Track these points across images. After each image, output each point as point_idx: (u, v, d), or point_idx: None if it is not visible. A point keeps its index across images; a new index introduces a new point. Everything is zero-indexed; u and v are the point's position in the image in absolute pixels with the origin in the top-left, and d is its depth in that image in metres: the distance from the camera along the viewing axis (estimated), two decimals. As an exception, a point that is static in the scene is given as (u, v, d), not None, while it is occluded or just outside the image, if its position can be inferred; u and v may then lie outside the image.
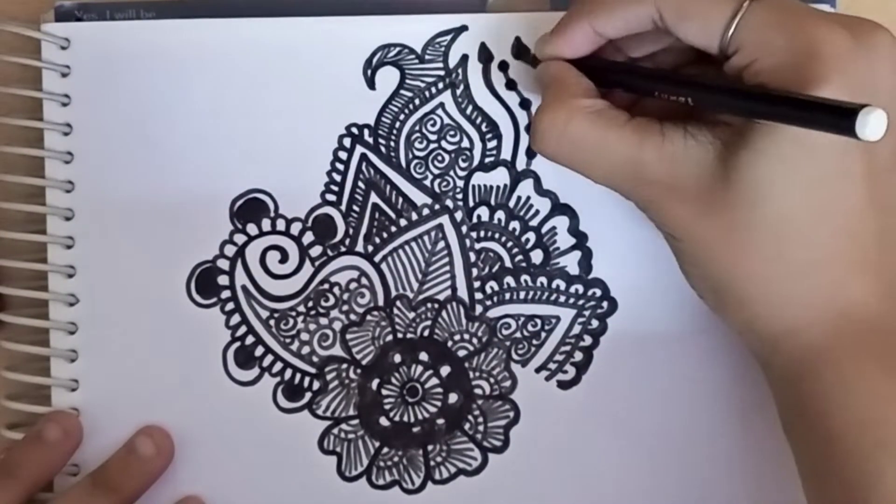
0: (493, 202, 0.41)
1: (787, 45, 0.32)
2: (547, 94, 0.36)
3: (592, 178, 0.36)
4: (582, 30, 0.36)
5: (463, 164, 0.41)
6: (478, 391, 0.41)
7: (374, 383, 0.41)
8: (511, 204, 0.41)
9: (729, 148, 0.33)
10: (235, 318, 0.41)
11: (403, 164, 0.41)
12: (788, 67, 0.31)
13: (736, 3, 0.33)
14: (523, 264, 0.41)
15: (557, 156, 0.35)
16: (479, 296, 0.41)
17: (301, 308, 0.41)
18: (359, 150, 0.41)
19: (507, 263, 0.41)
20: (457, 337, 0.41)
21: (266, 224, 0.41)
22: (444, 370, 0.41)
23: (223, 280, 0.41)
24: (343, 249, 0.41)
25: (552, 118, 0.35)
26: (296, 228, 0.41)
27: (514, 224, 0.41)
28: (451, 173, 0.41)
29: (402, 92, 0.41)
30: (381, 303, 0.41)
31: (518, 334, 0.41)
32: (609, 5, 0.35)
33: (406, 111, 0.41)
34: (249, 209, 0.41)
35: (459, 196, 0.41)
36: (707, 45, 0.33)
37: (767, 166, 0.32)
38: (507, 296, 0.41)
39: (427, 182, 0.41)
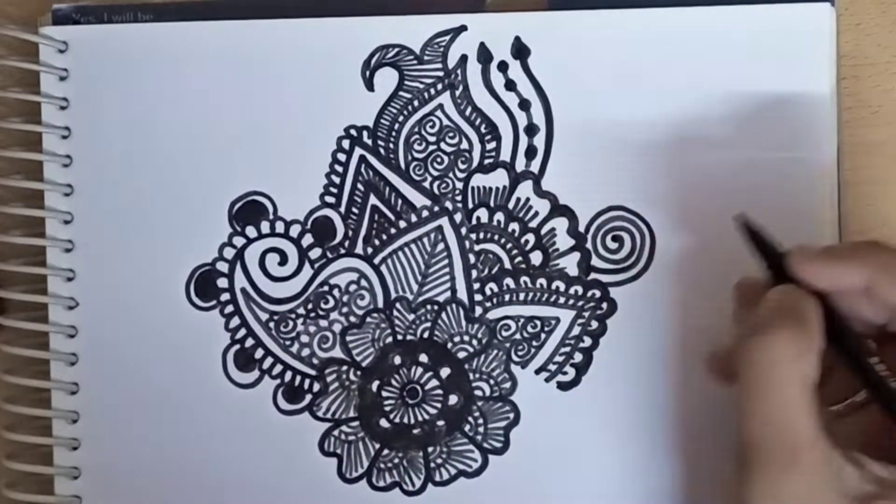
0: (492, 204, 0.41)
1: None
2: (790, 321, 0.33)
3: (750, 413, 0.33)
4: (858, 275, 0.33)
5: (462, 166, 0.41)
6: (478, 392, 0.41)
7: (375, 385, 0.41)
8: (510, 205, 0.41)
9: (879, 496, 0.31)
10: (235, 321, 0.41)
11: (402, 165, 0.41)
12: None
13: None
14: (523, 266, 0.41)
15: (754, 368, 0.33)
16: (478, 297, 0.41)
17: (301, 310, 0.41)
18: (358, 151, 0.41)
19: (507, 265, 0.41)
20: (457, 338, 0.41)
21: (265, 226, 0.41)
22: (444, 372, 0.41)
23: (222, 283, 0.41)
24: (342, 251, 0.41)
25: (793, 341, 0.32)
26: (295, 230, 0.41)
27: (514, 225, 0.41)
28: (451, 175, 0.41)
29: (401, 93, 0.41)
30: (380, 305, 0.41)
31: (518, 336, 0.41)
32: (825, 264, 0.33)
33: (405, 112, 0.41)
34: (248, 211, 0.41)
35: (459, 198, 0.41)
36: None
37: None
38: (507, 297, 0.41)
39: (426, 184, 0.41)
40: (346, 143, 0.41)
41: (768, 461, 0.32)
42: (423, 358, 0.41)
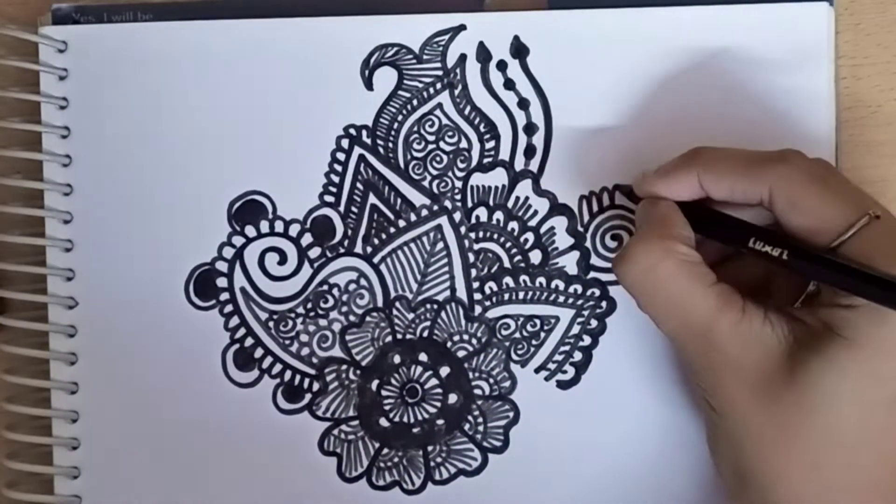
0: (491, 203, 0.41)
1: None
2: (647, 227, 0.36)
3: (660, 323, 0.35)
4: (688, 180, 0.36)
5: (461, 165, 0.41)
6: (477, 391, 0.41)
7: (374, 384, 0.41)
8: (509, 204, 0.41)
9: (802, 347, 0.33)
10: (234, 321, 0.41)
11: (402, 164, 0.41)
12: None
13: (855, 214, 0.32)
14: (522, 264, 0.41)
15: (635, 288, 0.35)
16: (478, 296, 0.41)
17: (300, 309, 0.41)
18: (357, 151, 0.41)
19: (506, 264, 0.41)
20: (456, 337, 0.41)
21: (264, 226, 0.41)
22: (444, 371, 0.41)
23: (222, 282, 0.41)
24: (342, 251, 0.41)
25: (646, 251, 0.34)
26: (294, 230, 0.41)
27: (513, 224, 0.41)
28: (450, 174, 0.41)
29: (400, 92, 0.41)
30: (380, 304, 0.41)
31: (517, 334, 0.41)
32: (721, 170, 0.35)
33: (404, 112, 0.41)
34: (248, 211, 0.41)
35: (458, 197, 0.41)
36: (812, 241, 0.33)
37: (834, 379, 0.32)
38: (507, 296, 0.41)
39: (425, 183, 0.41)
40: (345, 143, 0.41)
41: (691, 348, 0.35)
42: (423, 357, 0.41)
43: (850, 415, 0.32)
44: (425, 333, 0.41)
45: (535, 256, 0.41)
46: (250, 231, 0.41)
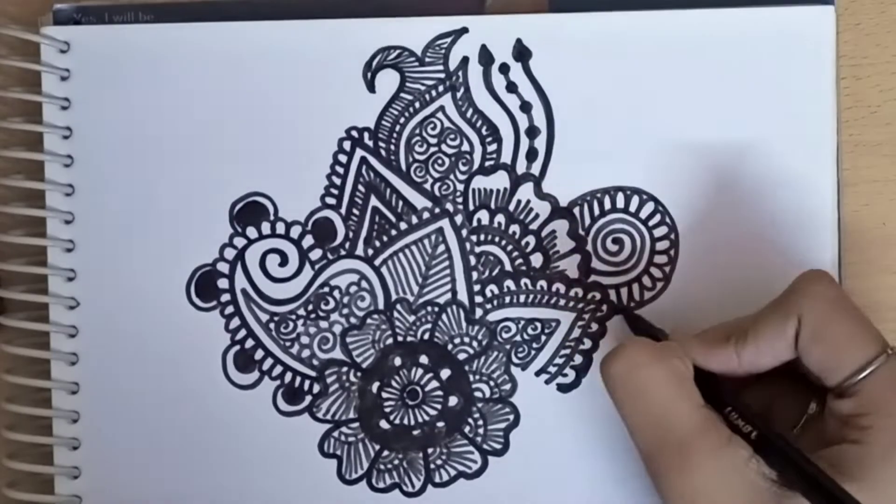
0: (493, 206, 0.41)
1: None
2: (652, 342, 0.35)
3: (634, 432, 0.34)
4: (727, 357, 0.34)
5: (463, 168, 0.41)
6: (478, 394, 0.41)
7: (375, 386, 0.41)
8: (511, 207, 0.41)
9: (790, 488, 0.31)
10: (235, 322, 0.41)
11: (403, 167, 0.41)
12: None
13: (876, 350, 0.32)
14: (523, 268, 0.41)
15: (616, 385, 0.34)
16: (479, 299, 0.41)
17: (301, 311, 0.41)
18: (359, 153, 0.41)
19: (507, 267, 0.41)
20: (457, 340, 0.41)
21: (266, 227, 0.41)
22: (445, 373, 0.41)
23: (223, 283, 0.41)
24: (343, 253, 0.41)
25: (637, 351, 0.34)
26: (296, 232, 0.41)
27: (514, 227, 0.41)
28: (452, 177, 0.41)
29: (403, 95, 0.41)
30: (381, 306, 0.41)
31: (518, 337, 0.41)
32: (758, 340, 0.34)
33: (406, 114, 0.41)
34: (249, 212, 0.41)
35: (459, 199, 0.41)
36: (827, 376, 0.33)
37: None
38: (507, 299, 0.41)
39: (427, 185, 0.41)
40: (347, 145, 0.41)
41: (663, 463, 0.32)
42: (424, 359, 0.41)
43: None
44: (426, 336, 0.41)
45: (536, 260, 0.41)
46: (252, 232, 0.41)
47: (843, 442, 0.32)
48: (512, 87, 0.40)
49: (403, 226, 0.41)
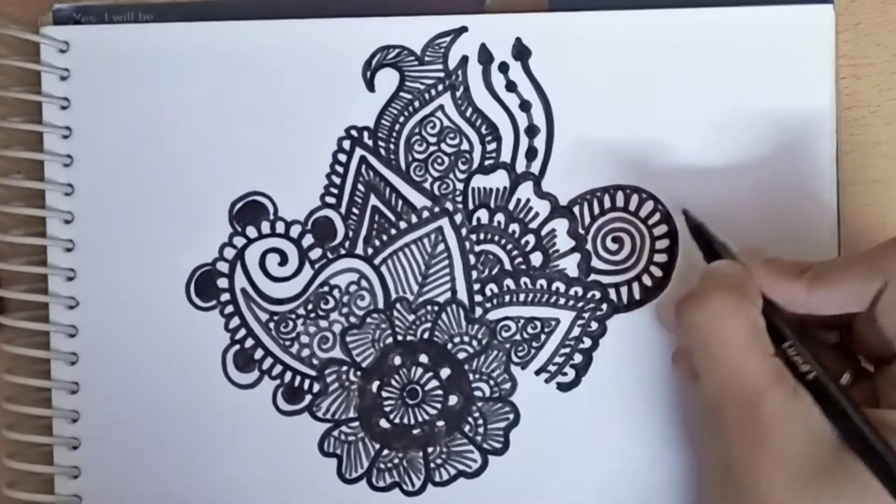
0: (492, 205, 0.41)
1: None
2: (724, 280, 0.34)
3: (707, 378, 0.34)
4: (795, 290, 0.34)
5: (462, 167, 0.41)
6: (478, 393, 0.41)
7: (375, 385, 0.41)
8: (510, 206, 0.41)
9: (841, 454, 0.31)
10: (235, 321, 0.41)
11: (403, 166, 0.41)
12: None
13: (885, 274, 0.32)
14: (523, 266, 0.41)
15: (697, 332, 0.34)
16: (478, 298, 0.41)
17: (301, 311, 0.41)
18: (358, 152, 0.41)
19: (507, 266, 0.41)
20: (457, 339, 0.41)
21: (265, 227, 0.41)
22: (444, 372, 0.41)
23: (222, 283, 0.41)
24: (343, 252, 0.41)
25: (722, 299, 0.33)
26: (295, 231, 0.41)
27: (514, 226, 0.41)
28: (451, 176, 0.41)
29: (402, 94, 0.41)
30: (381, 305, 0.41)
31: (518, 336, 0.41)
32: (833, 277, 0.34)
33: (406, 113, 0.41)
34: (249, 212, 0.41)
35: (459, 199, 0.41)
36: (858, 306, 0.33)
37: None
38: (507, 298, 0.41)
39: (427, 185, 0.41)
40: (346, 144, 0.41)
41: (732, 413, 0.33)
42: (423, 358, 0.41)
43: None
44: (426, 335, 0.41)
45: (536, 258, 0.41)
46: (251, 232, 0.41)
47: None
48: (511, 86, 0.40)
49: (403, 225, 0.41)
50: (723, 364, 0.33)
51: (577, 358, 0.41)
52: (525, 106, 0.40)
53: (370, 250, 0.41)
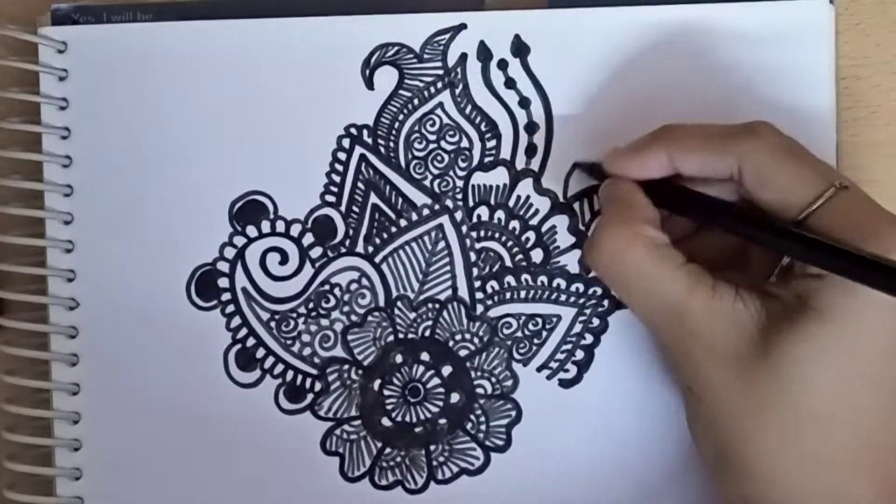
0: (492, 202, 0.41)
1: (856, 243, 0.31)
2: (611, 212, 0.36)
3: (633, 308, 0.36)
4: (658, 157, 0.36)
5: (462, 164, 0.41)
6: (479, 391, 0.41)
7: (376, 384, 0.41)
8: (511, 203, 0.41)
9: (774, 323, 0.33)
10: (236, 321, 0.41)
11: (403, 164, 0.41)
12: None
13: (821, 186, 0.33)
14: (524, 263, 0.41)
15: (605, 275, 0.36)
16: (479, 295, 0.41)
17: (302, 309, 0.41)
18: (358, 150, 0.41)
19: (508, 263, 0.41)
20: (458, 337, 0.41)
21: (266, 226, 0.41)
22: (446, 370, 0.41)
23: (223, 282, 0.41)
24: (343, 250, 0.41)
25: (613, 238, 0.35)
26: (296, 230, 0.41)
27: (514, 223, 0.41)
28: (451, 173, 0.41)
29: (401, 92, 0.41)
30: (381, 303, 0.41)
31: (519, 333, 0.41)
32: (691, 145, 0.35)
33: (405, 111, 0.41)
34: (249, 211, 0.41)
35: (459, 196, 0.41)
36: (780, 215, 0.33)
37: (808, 354, 0.32)
38: (508, 295, 0.41)
39: (427, 182, 0.41)
40: (346, 142, 0.41)
41: (666, 331, 0.35)
42: (425, 356, 0.41)
43: (824, 387, 0.32)
44: (427, 333, 0.41)
45: (537, 255, 0.41)
46: (251, 231, 0.41)
47: (806, 277, 0.33)
48: (510, 83, 0.40)
49: (403, 223, 0.41)
50: (640, 293, 0.35)
51: (579, 354, 0.41)
52: (524, 103, 0.40)
53: (371, 248, 0.41)
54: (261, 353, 0.41)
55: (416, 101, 0.41)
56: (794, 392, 0.32)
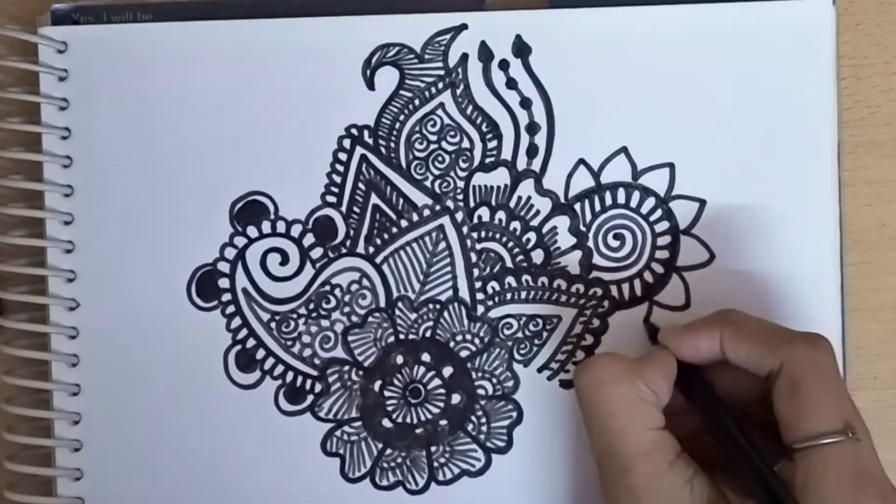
0: (493, 202, 0.41)
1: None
2: (629, 358, 0.36)
3: (590, 439, 0.36)
4: (711, 339, 0.36)
5: (463, 165, 0.41)
6: (480, 391, 0.41)
7: (377, 385, 0.41)
8: (512, 204, 0.41)
9: None
10: (236, 321, 0.41)
11: (404, 164, 0.41)
12: None
13: (837, 426, 0.32)
14: (524, 264, 0.41)
15: (581, 396, 0.36)
16: (480, 296, 0.41)
17: (302, 310, 0.41)
18: (359, 151, 0.41)
19: (508, 263, 0.41)
20: (459, 337, 0.41)
21: (266, 226, 0.41)
22: (447, 371, 0.41)
23: (224, 283, 0.41)
24: (344, 251, 0.41)
25: (606, 367, 0.35)
26: (296, 230, 0.41)
27: (515, 224, 0.41)
28: (452, 174, 0.41)
29: (402, 92, 0.41)
30: (382, 304, 0.41)
31: (520, 334, 0.41)
32: (745, 334, 0.35)
33: (406, 111, 0.41)
34: (249, 211, 0.41)
35: (460, 196, 0.41)
36: (786, 430, 0.33)
37: None
38: (509, 296, 0.41)
39: (427, 183, 0.41)
40: (346, 143, 0.41)
41: (608, 476, 0.35)
42: (426, 357, 0.41)
43: None
44: (428, 333, 0.41)
45: (538, 256, 0.41)
46: (252, 232, 0.41)
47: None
48: (512, 84, 0.40)
49: (404, 223, 0.41)
50: (601, 428, 0.35)
51: (580, 355, 0.41)
52: (525, 103, 0.40)
53: (371, 249, 0.41)
54: (261, 354, 0.41)
55: (416, 102, 0.41)
56: None
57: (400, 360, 0.41)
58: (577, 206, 0.40)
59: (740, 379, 0.36)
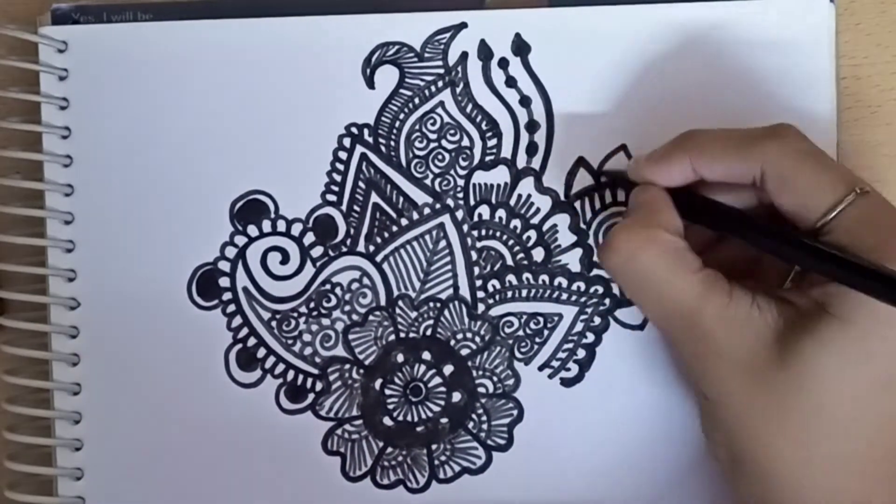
0: (493, 200, 0.41)
1: (874, 249, 0.31)
2: (632, 215, 0.36)
3: (646, 312, 0.36)
4: (681, 164, 0.35)
5: (463, 163, 0.41)
6: (481, 390, 0.41)
7: (377, 383, 0.41)
8: (512, 202, 0.41)
9: (791, 329, 0.33)
10: (237, 320, 0.41)
11: (404, 163, 0.41)
12: None
13: (843, 191, 0.32)
14: (525, 262, 0.41)
15: (618, 277, 0.35)
16: (481, 294, 0.41)
17: (303, 309, 0.41)
18: (359, 149, 0.41)
19: (509, 261, 0.41)
20: (459, 336, 0.41)
21: (266, 225, 0.41)
22: (447, 369, 0.41)
23: (224, 282, 0.41)
24: (344, 250, 0.41)
25: (627, 240, 0.34)
26: (296, 229, 0.41)
27: (516, 222, 0.41)
28: (452, 172, 0.41)
29: (402, 91, 0.41)
30: (383, 302, 0.41)
31: (521, 332, 0.41)
32: (713, 151, 0.35)
33: (406, 110, 0.41)
34: (250, 210, 0.41)
35: (460, 195, 0.41)
36: (800, 220, 0.33)
37: (827, 359, 0.32)
38: (509, 294, 0.41)
39: (428, 181, 0.41)
40: (347, 141, 0.41)
41: (677, 336, 0.35)
42: (426, 355, 0.41)
43: (843, 393, 0.32)
44: (428, 332, 0.41)
45: (538, 254, 0.41)
46: (252, 230, 0.41)
47: (825, 284, 0.33)
48: (511, 82, 0.40)
49: (404, 222, 0.41)
50: (652, 297, 0.35)
51: (581, 353, 0.41)
52: (525, 101, 0.40)
53: (372, 248, 0.41)
54: (262, 352, 0.41)
55: (416, 100, 0.41)
56: (815, 398, 0.32)
57: (401, 358, 0.41)
58: (578, 204, 0.40)
59: (729, 190, 0.36)
